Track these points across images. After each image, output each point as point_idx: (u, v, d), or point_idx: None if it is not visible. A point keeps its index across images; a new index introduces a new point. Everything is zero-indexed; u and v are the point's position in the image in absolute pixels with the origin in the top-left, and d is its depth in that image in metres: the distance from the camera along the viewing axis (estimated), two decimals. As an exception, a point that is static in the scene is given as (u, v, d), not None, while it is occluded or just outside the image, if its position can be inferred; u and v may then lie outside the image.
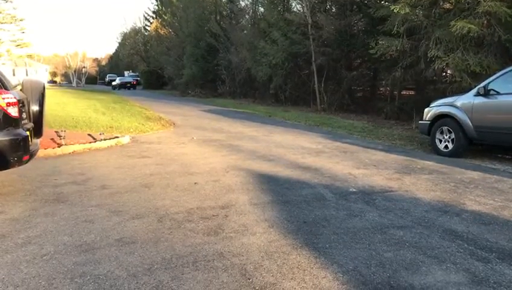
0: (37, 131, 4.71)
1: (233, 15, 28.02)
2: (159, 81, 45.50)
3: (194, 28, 31.05)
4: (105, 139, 8.17)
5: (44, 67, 68.06)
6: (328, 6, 19.62)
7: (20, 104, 4.34)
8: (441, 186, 5.40)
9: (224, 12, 29.55)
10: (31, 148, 4.47)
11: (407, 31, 11.35)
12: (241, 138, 9.58)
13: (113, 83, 52.99)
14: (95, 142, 7.93)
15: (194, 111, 17.46)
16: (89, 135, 8.88)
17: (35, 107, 4.62)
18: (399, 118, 13.95)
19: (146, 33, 57.04)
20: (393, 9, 10.34)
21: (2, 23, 24.23)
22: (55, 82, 73.53)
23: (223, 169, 6.24)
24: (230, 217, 4.07)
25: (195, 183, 5.37)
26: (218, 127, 11.88)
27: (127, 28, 67.45)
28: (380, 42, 12.09)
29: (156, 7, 50.98)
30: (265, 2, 23.29)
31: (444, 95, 9.45)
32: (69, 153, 7.18)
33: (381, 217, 4.15)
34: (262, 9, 25.20)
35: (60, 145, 7.25)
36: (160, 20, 45.99)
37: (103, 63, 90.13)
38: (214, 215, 4.11)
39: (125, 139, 8.64)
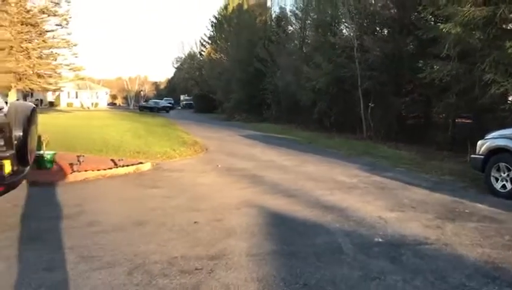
0: (21, 159, 4.30)
1: (281, 40, 27.73)
2: (210, 104, 46.06)
3: (243, 54, 31.33)
4: (124, 166, 7.80)
5: (105, 91, 71.79)
6: (378, 29, 18.71)
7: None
8: (492, 240, 4.34)
9: (273, 38, 29.38)
10: (8, 178, 4.05)
11: (460, 53, 10.20)
12: (269, 167, 8.86)
13: (141, 104, 55.43)
14: (111, 169, 7.57)
15: (233, 136, 17.01)
16: (112, 160, 8.54)
17: (18, 133, 4.23)
18: (452, 149, 12.58)
19: (201, 58, 58.46)
20: (442, 29, 9.31)
21: (56, 47, 25.64)
22: (114, 104, 77.14)
23: (233, 205, 5.54)
24: (215, 273, 3.35)
25: (194, 222, 4.72)
26: (250, 153, 11.26)
27: (184, 53, 69.77)
28: (430, 67, 11.00)
29: (212, 33, 52.16)
30: (312, 27, 22.95)
31: (502, 126, 8.20)
32: (80, 181, 6.83)
33: (405, 283, 3.25)
34: (309, 33, 24.74)
35: (72, 172, 6.94)
36: (214, 45, 46.92)
37: (162, 86, 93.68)
38: (197, 269, 3.41)
39: (146, 166, 8.23)
